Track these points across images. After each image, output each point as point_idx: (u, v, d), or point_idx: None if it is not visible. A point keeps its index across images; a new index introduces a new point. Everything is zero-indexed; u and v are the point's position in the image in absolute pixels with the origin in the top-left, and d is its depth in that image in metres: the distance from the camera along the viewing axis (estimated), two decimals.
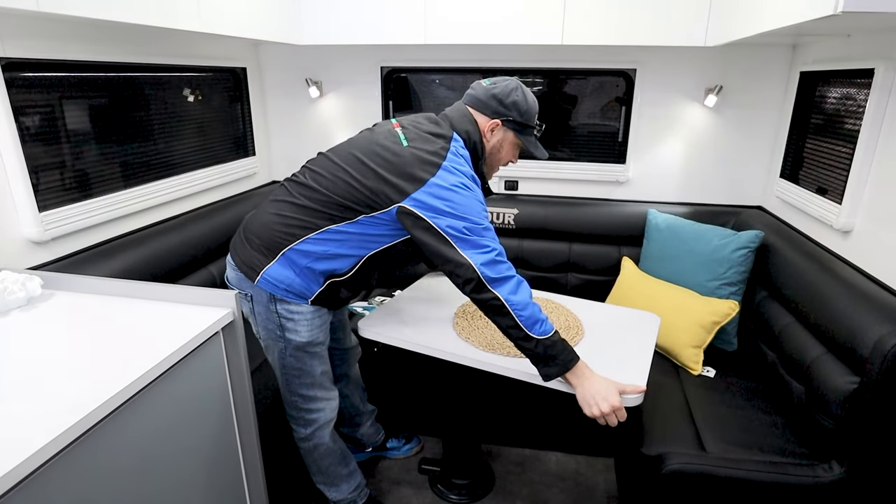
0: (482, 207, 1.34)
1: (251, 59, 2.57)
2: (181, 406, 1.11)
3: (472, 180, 1.35)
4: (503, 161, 1.51)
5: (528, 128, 1.45)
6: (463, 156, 1.38)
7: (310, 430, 1.62)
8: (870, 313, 1.38)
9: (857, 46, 1.75)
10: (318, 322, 1.50)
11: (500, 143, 1.46)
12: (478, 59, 2.47)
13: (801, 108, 2.13)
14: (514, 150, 1.49)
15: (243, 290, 1.47)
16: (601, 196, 2.56)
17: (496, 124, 1.43)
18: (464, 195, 1.30)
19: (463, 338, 1.52)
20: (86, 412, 0.86)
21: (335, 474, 1.72)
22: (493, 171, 1.54)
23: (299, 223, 1.39)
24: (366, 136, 1.45)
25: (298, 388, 1.56)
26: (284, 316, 1.45)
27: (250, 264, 1.43)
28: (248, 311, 1.50)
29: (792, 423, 1.59)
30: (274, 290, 1.42)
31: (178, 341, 1.08)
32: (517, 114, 1.42)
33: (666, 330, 1.97)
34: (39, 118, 1.54)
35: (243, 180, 2.55)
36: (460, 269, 1.27)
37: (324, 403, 1.61)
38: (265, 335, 1.52)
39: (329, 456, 1.68)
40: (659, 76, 2.36)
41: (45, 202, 1.55)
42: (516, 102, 1.41)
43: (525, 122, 1.43)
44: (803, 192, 2.01)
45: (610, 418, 1.25)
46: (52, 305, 1.25)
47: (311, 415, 1.60)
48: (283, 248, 1.40)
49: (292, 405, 1.60)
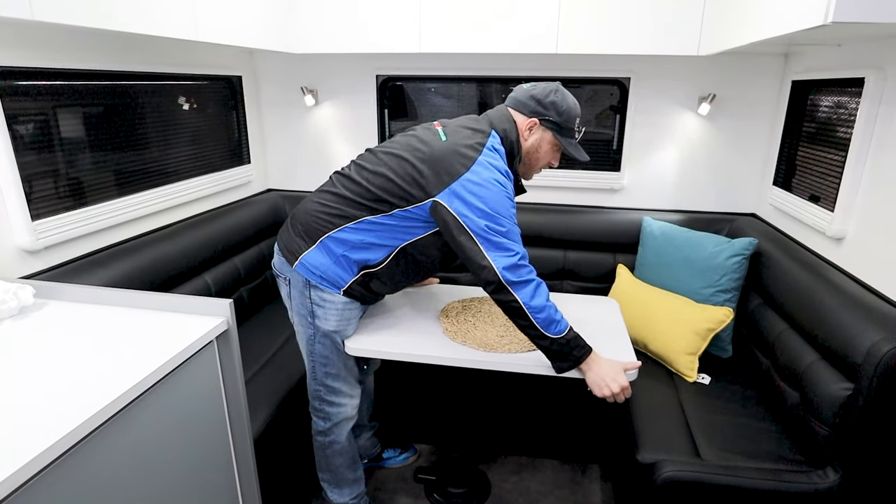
0: (511, 205, 1.37)
1: (247, 67, 2.57)
2: (175, 416, 1.10)
3: (505, 176, 1.38)
4: (542, 162, 1.52)
5: (566, 129, 1.47)
6: (499, 151, 1.41)
7: (329, 424, 1.65)
8: (863, 320, 1.39)
9: (847, 56, 1.77)
10: (348, 315, 1.53)
11: (538, 142, 1.48)
12: (473, 68, 2.48)
13: (793, 117, 2.15)
14: (553, 151, 1.50)
15: (284, 274, 1.55)
16: (596, 204, 2.57)
17: (534, 123, 1.45)
18: (495, 192, 1.33)
19: (458, 341, 1.52)
20: (78, 422, 0.86)
21: (342, 476, 1.74)
22: (533, 172, 1.56)
23: (339, 212, 1.45)
24: (408, 135, 1.50)
25: (324, 378, 1.60)
26: (316, 302, 1.50)
27: (291, 249, 1.50)
28: (286, 296, 1.59)
29: (787, 429, 1.60)
30: (310, 275, 1.48)
31: (171, 350, 1.08)
32: (555, 114, 1.44)
33: (661, 337, 1.97)
34: (33, 126, 1.54)
35: (238, 188, 2.55)
36: (483, 271, 1.32)
37: (346, 399, 1.64)
38: (297, 320, 1.58)
39: (341, 455, 1.71)
40: (653, 85, 2.38)
41: (38, 211, 1.54)
42: (555, 102, 1.44)
43: (563, 122, 1.45)
44: (796, 200, 2.02)
45: (619, 397, 1.34)
46: (45, 315, 1.24)
47: (332, 408, 1.63)
48: (322, 234, 1.46)
49: (316, 395, 1.64)
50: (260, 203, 2.53)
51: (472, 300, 1.82)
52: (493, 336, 1.55)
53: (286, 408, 1.79)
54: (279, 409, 1.76)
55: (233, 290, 2.18)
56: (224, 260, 2.19)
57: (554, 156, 1.52)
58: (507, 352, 1.47)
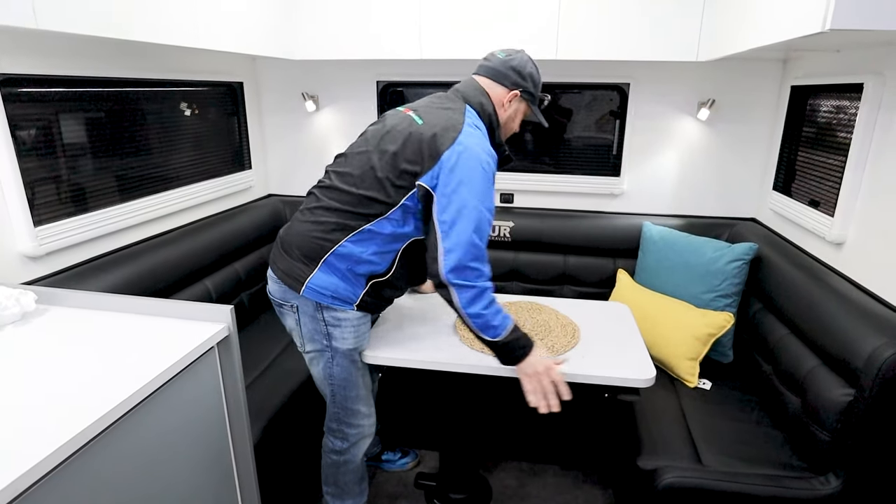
0: (488, 187, 1.33)
1: (248, 73, 2.59)
2: (175, 422, 1.11)
3: (489, 156, 1.35)
4: (517, 127, 1.54)
5: (534, 96, 1.49)
6: (479, 128, 1.39)
7: (346, 444, 1.61)
8: (863, 325, 1.39)
9: (846, 61, 1.78)
10: (364, 329, 1.50)
11: (514, 113, 1.49)
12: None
13: (792, 122, 2.16)
14: (522, 117, 1.53)
15: (288, 301, 1.47)
16: (596, 209, 2.58)
17: (515, 95, 1.44)
18: (475, 176, 1.30)
19: (476, 349, 1.53)
20: (80, 429, 0.86)
21: (349, 490, 1.71)
22: (505, 136, 1.55)
23: (335, 226, 1.40)
24: (378, 127, 1.45)
25: (344, 402, 1.55)
26: (331, 323, 1.45)
27: (293, 275, 1.43)
28: (294, 324, 1.50)
29: (788, 435, 1.59)
30: (320, 298, 1.42)
31: (173, 357, 1.08)
32: (532, 85, 1.45)
33: (662, 342, 1.97)
34: (36, 133, 1.54)
35: (239, 194, 2.55)
36: (432, 264, 1.33)
37: (365, 420, 1.60)
38: (311, 346, 1.51)
39: (353, 473, 1.68)
40: (652, 90, 2.39)
41: (40, 217, 1.55)
42: (532, 74, 1.45)
43: (533, 92, 1.47)
44: (796, 205, 2.02)
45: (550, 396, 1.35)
46: (47, 321, 1.25)
47: (351, 429, 1.60)
48: (324, 254, 1.40)
49: (334, 417, 1.59)
50: (261, 208, 2.54)
51: None
52: None
53: (287, 414, 1.79)
54: (280, 416, 1.76)
55: (234, 296, 2.18)
56: (225, 265, 2.20)
57: (518, 124, 1.54)
58: None
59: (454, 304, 1.33)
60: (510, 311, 1.75)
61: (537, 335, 1.61)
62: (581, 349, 1.55)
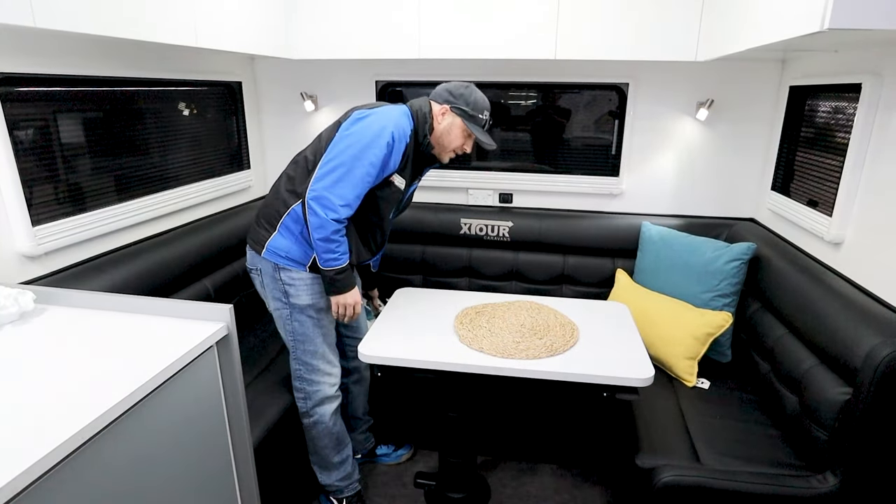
0: (378, 149, 1.51)
1: (247, 73, 2.58)
2: (174, 422, 1.10)
3: (399, 132, 1.54)
4: (454, 144, 1.66)
5: (474, 118, 1.63)
6: (407, 117, 1.60)
7: (310, 403, 1.74)
8: (861, 324, 1.39)
9: (844, 61, 1.79)
10: (318, 289, 1.66)
11: (449, 126, 1.64)
12: (472, 74, 2.49)
13: (791, 122, 2.16)
14: (463, 136, 1.66)
15: (255, 265, 1.69)
16: (595, 209, 2.58)
17: (446, 109, 1.64)
18: (369, 133, 1.51)
19: (475, 348, 1.53)
20: (78, 427, 0.86)
21: (327, 459, 1.81)
22: (446, 154, 1.69)
23: (288, 192, 1.63)
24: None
25: (303, 356, 1.71)
26: (287, 283, 1.64)
27: (257, 240, 1.66)
28: (259, 286, 1.72)
29: (786, 434, 1.60)
30: (277, 259, 1.63)
31: (171, 356, 1.08)
32: (464, 103, 1.62)
33: (660, 342, 1.98)
34: (34, 132, 1.54)
35: (238, 194, 2.55)
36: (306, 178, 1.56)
37: (324, 377, 1.73)
38: (274, 305, 1.70)
39: (324, 437, 1.78)
40: (651, 90, 2.39)
41: (38, 216, 1.55)
42: (463, 94, 1.63)
43: (471, 111, 1.62)
44: (794, 205, 2.03)
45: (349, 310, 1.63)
46: (45, 320, 1.24)
47: (311, 386, 1.73)
48: (280, 218, 1.63)
49: (296, 375, 1.74)
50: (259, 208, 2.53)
51: (485, 306, 1.83)
52: (509, 342, 1.56)
53: (287, 414, 1.79)
54: (280, 416, 1.76)
55: (233, 295, 2.18)
56: (224, 265, 2.19)
57: (466, 141, 1.67)
58: (524, 358, 1.48)
59: (305, 221, 1.54)
60: (509, 311, 1.77)
61: (536, 334, 1.61)
62: (580, 348, 1.56)
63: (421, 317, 1.76)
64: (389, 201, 1.65)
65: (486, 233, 2.51)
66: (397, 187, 1.64)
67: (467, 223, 2.51)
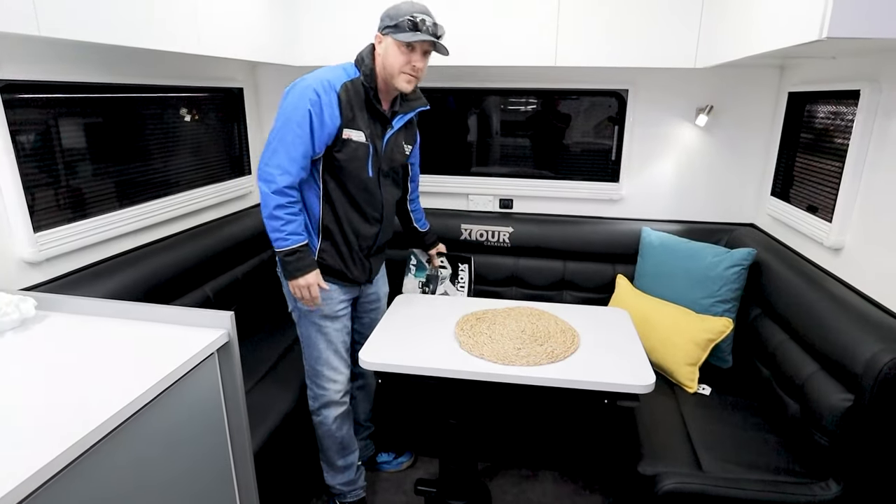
0: (298, 120, 1.52)
1: (248, 79, 2.59)
2: (175, 429, 1.10)
3: (320, 85, 1.53)
4: (397, 64, 1.56)
5: (397, 26, 1.53)
6: (343, 70, 1.60)
7: (316, 404, 1.78)
8: (861, 331, 1.39)
9: (842, 68, 1.79)
10: (325, 294, 1.66)
11: (385, 49, 1.57)
12: (472, 80, 2.50)
13: (790, 128, 2.17)
14: (401, 52, 1.55)
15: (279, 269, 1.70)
16: (595, 214, 2.58)
17: (378, 36, 1.59)
18: (290, 102, 1.53)
19: (476, 354, 1.53)
20: (79, 436, 0.86)
21: (332, 461, 1.85)
22: (397, 78, 1.58)
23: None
24: None
25: (310, 360, 1.75)
26: None
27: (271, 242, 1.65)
28: (283, 288, 1.72)
29: (788, 440, 1.59)
30: None
31: (172, 363, 1.08)
32: (388, 19, 1.55)
33: (661, 347, 1.97)
34: (36, 139, 1.55)
35: (239, 199, 2.56)
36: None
37: (329, 384, 1.75)
38: (290, 306, 1.76)
39: (328, 438, 1.81)
40: (651, 96, 2.40)
41: (40, 223, 1.55)
42: (387, 13, 1.56)
43: (395, 21, 1.53)
44: (794, 210, 2.03)
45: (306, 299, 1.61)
46: (46, 327, 1.25)
47: (319, 390, 1.77)
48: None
49: (307, 374, 1.79)
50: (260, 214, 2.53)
51: (485, 312, 1.83)
52: (510, 349, 1.56)
53: (287, 421, 1.79)
54: (280, 423, 1.75)
55: (234, 301, 2.18)
56: (225, 270, 2.20)
57: (410, 56, 1.56)
58: (524, 364, 1.48)
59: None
60: (510, 317, 1.76)
61: (536, 341, 1.61)
62: (581, 355, 1.55)
63: (422, 323, 1.76)
64: (356, 159, 1.60)
65: (486, 238, 2.51)
66: (357, 142, 1.58)
67: (468, 229, 2.52)
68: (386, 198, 1.72)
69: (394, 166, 1.75)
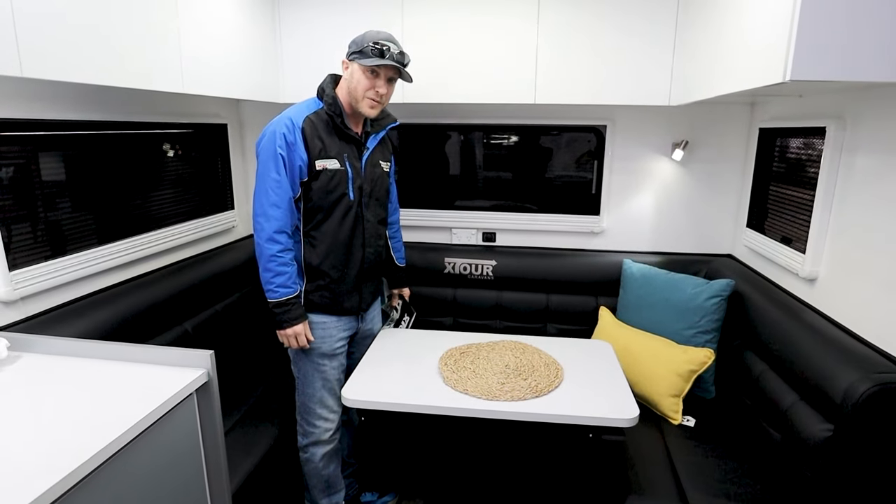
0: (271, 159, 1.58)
1: (232, 115, 2.62)
2: (150, 473, 1.07)
3: (284, 127, 1.59)
4: (360, 88, 1.62)
5: (362, 52, 1.59)
6: (303, 104, 1.67)
7: (306, 441, 1.78)
8: (838, 360, 1.41)
9: (809, 105, 1.87)
10: (322, 333, 1.70)
11: (350, 74, 1.64)
12: (455, 116, 2.55)
13: (762, 162, 2.24)
14: (366, 77, 1.61)
15: None
16: (577, 246, 2.62)
17: (346, 63, 1.66)
18: (261, 154, 1.60)
19: (459, 390, 1.51)
20: (53, 482, 0.83)
21: (316, 500, 1.85)
22: (362, 102, 1.64)
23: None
24: None
25: (302, 396, 1.76)
26: None
27: None
28: None
29: (773, 471, 1.59)
30: None
31: (149, 405, 1.06)
32: (354, 45, 1.62)
33: (644, 379, 1.98)
34: (12, 175, 1.53)
35: (222, 234, 2.54)
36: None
37: (320, 422, 1.75)
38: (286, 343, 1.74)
39: (314, 477, 1.81)
40: (628, 132, 2.47)
41: (16, 261, 1.52)
42: (354, 39, 1.63)
43: (360, 48, 1.59)
44: (769, 242, 2.08)
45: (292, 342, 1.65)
46: (19, 368, 1.21)
47: (308, 427, 1.77)
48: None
49: (298, 410, 1.79)
50: (242, 248, 2.52)
51: (469, 346, 1.82)
52: (493, 383, 1.55)
53: (266, 460, 1.75)
54: (259, 462, 1.71)
55: (213, 336, 2.14)
56: (206, 307, 2.17)
57: (374, 82, 1.61)
58: (508, 400, 1.47)
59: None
60: (494, 351, 1.76)
61: (520, 375, 1.61)
62: (565, 389, 1.55)
63: (405, 358, 1.75)
64: (337, 186, 1.65)
65: (469, 271, 2.53)
66: (332, 170, 1.63)
67: (451, 262, 2.53)
68: (369, 218, 1.75)
69: (375, 185, 1.78)
